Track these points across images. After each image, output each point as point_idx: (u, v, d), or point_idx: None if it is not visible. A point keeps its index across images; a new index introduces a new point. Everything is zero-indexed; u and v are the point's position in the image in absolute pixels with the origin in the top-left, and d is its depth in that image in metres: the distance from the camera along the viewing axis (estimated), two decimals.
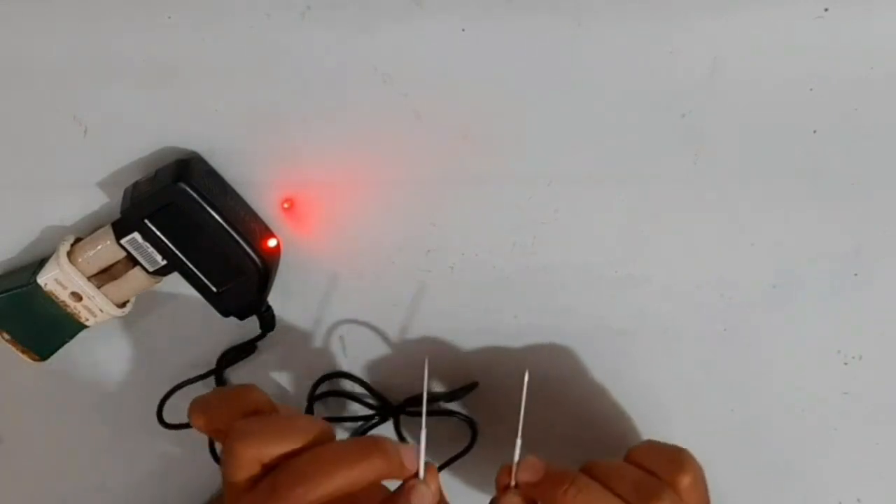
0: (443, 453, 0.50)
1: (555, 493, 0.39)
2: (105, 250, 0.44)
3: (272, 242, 0.45)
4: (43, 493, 0.56)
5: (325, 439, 0.38)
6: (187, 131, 0.43)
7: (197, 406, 0.39)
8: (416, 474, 0.38)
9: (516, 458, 0.40)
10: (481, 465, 0.51)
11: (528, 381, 0.41)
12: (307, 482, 0.34)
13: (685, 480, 0.39)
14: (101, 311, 0.45)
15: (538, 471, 0.40)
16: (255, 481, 0.36)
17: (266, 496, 0.35)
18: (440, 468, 0.49)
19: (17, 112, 0.43)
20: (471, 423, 0.50)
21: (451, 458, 0.50)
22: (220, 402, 0.39)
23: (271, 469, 0.36)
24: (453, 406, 0.51)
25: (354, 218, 0.45)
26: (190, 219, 0.42)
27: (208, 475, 0.55)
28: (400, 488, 0.37)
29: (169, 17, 0.40)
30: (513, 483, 0.40)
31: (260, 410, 0.39)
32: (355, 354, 0.50)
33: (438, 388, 0.51)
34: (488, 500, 0.40)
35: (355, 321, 0.49)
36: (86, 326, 0.46)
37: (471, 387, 0.50)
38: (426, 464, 0.38)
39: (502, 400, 0.50)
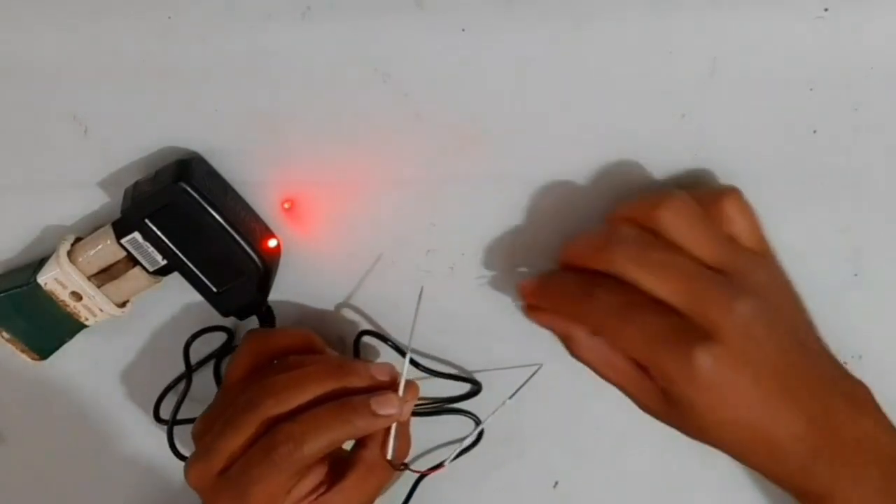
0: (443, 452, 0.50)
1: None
2: (105, 250, 0.44)
3: (272, 242, 0.45)
4: (43, 492, 0.56)
5: (314, 350, 0.45)
6: (187, 131, 0.43)
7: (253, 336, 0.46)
8: (396, 389, 0.42)
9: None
10: (480, 465, 0.51)
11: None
12: (277, 396, 0.40)
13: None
14: (101, 310, 0.45)
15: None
16: (242, 382, 0.43)
17: (243, 407, 0.40)
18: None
19: (17, 112, 0.43)
20: (476, 422, 0.50)
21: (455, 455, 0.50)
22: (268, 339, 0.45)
23: (259, 371, 0.43)
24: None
25: (354, 218, 0.45)
26: (190, 219, 0.42)
27: None
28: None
29: (169, 18, 0.40)
30: None
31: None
32: (355, 355, 0.50)
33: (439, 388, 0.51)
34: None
35: (355, 322, 0.49)
36: (86, 326, 0.46)
37: (475, 392, 0.50)
38: (408, 382, 0.42)
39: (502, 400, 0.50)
